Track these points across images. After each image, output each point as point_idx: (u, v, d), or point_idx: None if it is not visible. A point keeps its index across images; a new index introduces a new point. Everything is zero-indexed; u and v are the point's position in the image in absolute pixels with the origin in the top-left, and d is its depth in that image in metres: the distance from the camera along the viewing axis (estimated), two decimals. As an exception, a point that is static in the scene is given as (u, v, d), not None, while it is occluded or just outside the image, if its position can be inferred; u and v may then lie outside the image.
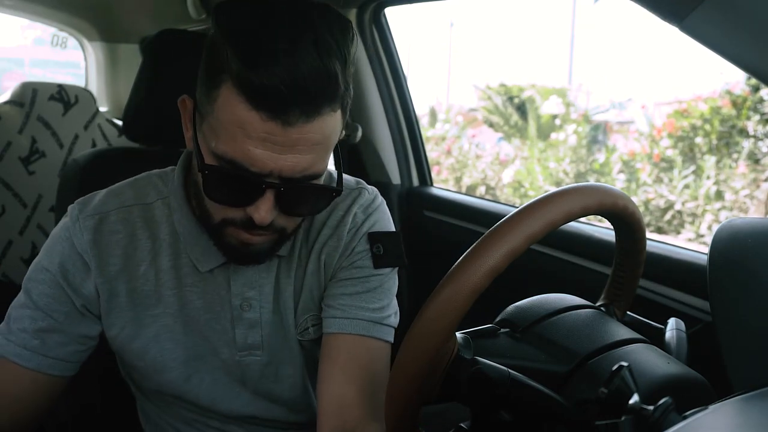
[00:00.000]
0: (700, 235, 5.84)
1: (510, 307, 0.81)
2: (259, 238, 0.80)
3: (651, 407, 0.55)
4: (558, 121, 8.69)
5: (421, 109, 10.82)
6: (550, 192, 0.68)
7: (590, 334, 0.75)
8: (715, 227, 0.67)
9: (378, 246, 0.89)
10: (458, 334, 0.69)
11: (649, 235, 0.88)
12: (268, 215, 0.75)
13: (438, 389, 0.68)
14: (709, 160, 6.08)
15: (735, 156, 6.06)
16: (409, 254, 1.04)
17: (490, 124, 10.20)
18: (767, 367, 0.58)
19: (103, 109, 2.43)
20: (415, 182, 1.92)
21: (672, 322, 0.82)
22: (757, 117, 5.96)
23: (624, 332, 0.77)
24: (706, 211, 5.96)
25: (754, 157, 5.95)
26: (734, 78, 6.24)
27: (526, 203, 0.67)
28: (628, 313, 0.87)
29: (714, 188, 5.99)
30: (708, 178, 6.05)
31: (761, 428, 0.52)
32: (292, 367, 0.94)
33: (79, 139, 2.16)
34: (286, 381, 0.95)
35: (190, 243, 0.87)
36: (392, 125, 1.88)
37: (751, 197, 5.79)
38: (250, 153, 0.71)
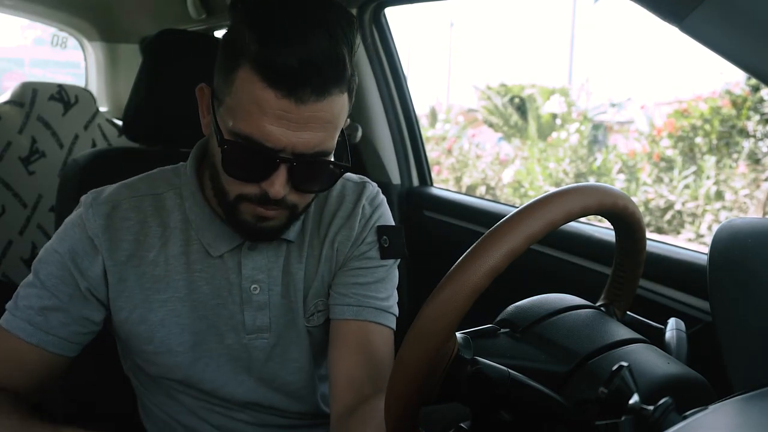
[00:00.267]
0: (700, 235, 5.84)
1: (510, 307, 0.81)
2: (272, 213, 0.84)
3: (651, 407, 0.55)
4: (559, 121, 8.68)
5: (421, 109, 10.82)
6: (550, 192, 0.68)
7: (590, 334, 0.75)
8: (715, 227, 0.67)
9: (385, 238, 0.96)
10: (458, 334, 0.68)
11: (649, 235, 0.88)
12: (281, 189, 0.80)
13: (438, 389, 0.68)
14: (709, 160, 6.08)
15: (735, 156, 6.06)
16: (409, 254, 1.05)
17: (490, 124, 10.21)
18: (767, 367, 0.58)
19: (103, 109, 2.43)
20: (415, 182, 1.92)
21: (672, 322, 0.82)
22: (757, 117, 5.96)
23: (624, 332, 0.77)
24: (706, 211, 5.96)
25: (754, 157, 5.95)
26: (734, 78, 6.24)
27: (526, 203, 0.67)
28: (628, 313, 0.87)
29: (714, 188, 5.99)
30: (708, 178, 6.05)
31: (761, 428, 0.52)
32: (298, 351, 0.98)
33: (79, 139, 2.16)
34: (291, 365, 0.98)
35: (201, 229, 0.92)
36: (392, 125, 1.88)
37: (751, 197, 5.79)
38: (266, 129, 0.77)
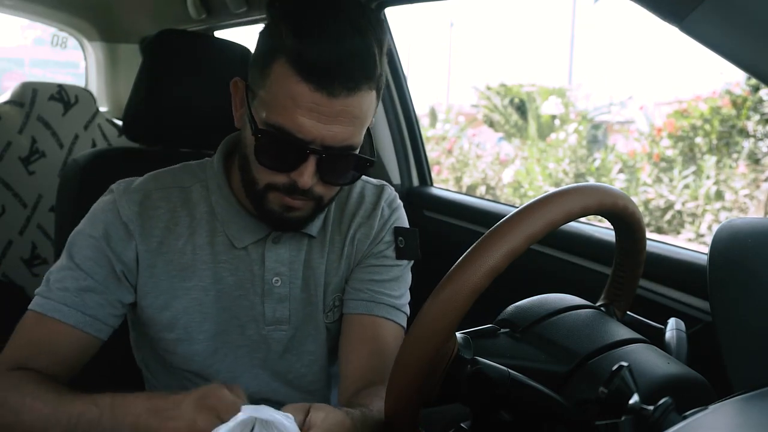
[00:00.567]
0: (700, 235, 5.84)
1: (510, 307, 0.81)
2: (299, 203, 0.88)
3: (651, 407, 0.55)
4: (557, 122, 8.68)
5: (421, 109, 10.82)
6: (550, 192, 0.68)
7: (590, 334, 0.75)
8: (715, 227, 0.67)
9: (401, 239, 1.00)
10: (458, 334, 0.68)
11: (649, 235, 0.88)
12: (309, 180, 0.84)
13: (438, 389, 0.68)
14: (709, 160, 6.08)
15: (735, 156, 6.06)
16: (409, 254, 1.05)
17: (490, 124, 10.20)
18: (767, 367, 0.58)
19: (103, 109, 2.43)
20: (415, 182, 1.92)
21: (672, 322, 0.82)
22: (757, 117, 5.96)
23: (624, 332, 0.77)
24: (706, 211, 5.96)
25: (754, 157, 5.95)
26: (734, 78, 6.24)
27: (526, 203, 0.67)
28: (628, 313, 0.87)
29: (714, 188, 5.99)
30: (708, 178, 6.05)
31: (761, 428, 0.52)
32: (315, 344, 1.00)
33: (79, 139, 2.16)
34: (306, 357, 1.00)
35: (227, 221, 0.95)
36: (392, 125, 1.88)
37: (751, 197, 5.78)
38: (298, 121, 0.81)
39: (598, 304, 0.86)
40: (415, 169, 1.92)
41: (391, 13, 1.81)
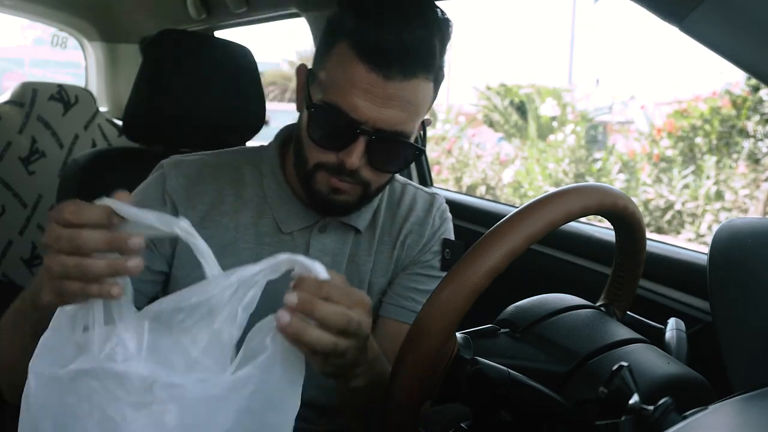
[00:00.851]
0: (700, 235, 5.84)
1: (510, 307, 0.81)
2: (345, 185, 0.88)
3: (651, 407, 0.55)
4: (555, 123, 8.67)
5: (421, 109, 10.77)
6: (550, 192, 0.68)
7: (590, 334, 0.75)
8: (715, 227, 0.67)
9: (447, 251, 1.01)
10: (458, 334, 0.69)
11: (649, 235, 0.88)
12: (356, 160, 0.84)
13: (438, 389, 0.68)
14: (709, 160, 6.08)
15: (735, 156, 6.06)
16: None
17: (490, 124, 10.20)
18: (767, 367, 0.58)
19: (103, 109, 2.43)
20: (415, 182, 1.92)
21: (672, 322, 0.82)
22: (757, 117, 5.96)
23: (624, 332, 0.77)
24: (706, 211, 5.96)
25: (754, 157, 5.95)
26: (734, 78, 6.24)
27: (526, 203, 0.67)
28: (628, 313, 0.87)
29: (714, 188, 5.99)
30: (708, 178, 6.05)
31: (761, 428, 0.52)
32: None
33: (79, 139, 2.16)
34: None
35: (277, 205, 0.96)
36: (392, 125, 1.88)
37: (751, 197, 5.78)
38: (352, 101, 0.82)
39: (598, 304, 0.86)
40: (415, 169, 1.92)
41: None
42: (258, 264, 0.62)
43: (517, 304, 0.82)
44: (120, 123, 2.22)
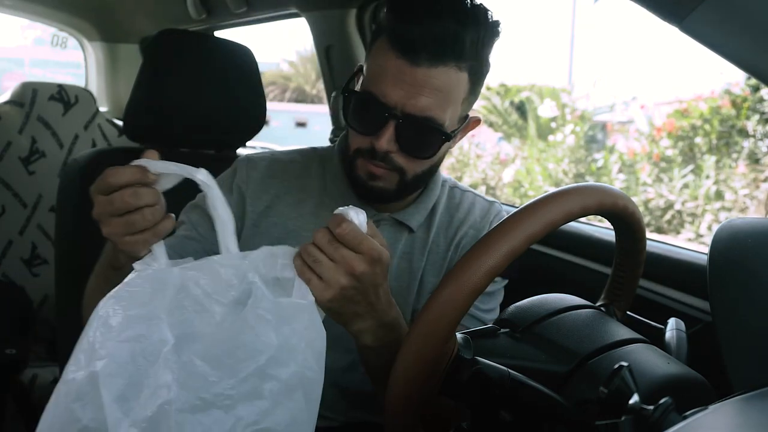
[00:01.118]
0: (700, 235, 5.84)
1: (510, 307, 0.81)
2: (380, 171, 0.93)
3: (651, 407, 0.55)
4: (554, 124, 8.67)
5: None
6: (550, 192, 0.68)
7: (590, 334, 0.75)
8: (715, 227, 0.67)
9: None
10: (458, 334, 0.69)
11: (649, 235, 0.87)
12: (385, 144, 0.90)
13: (438, 389, 0.68)
14: (709, 160, 6.08)
15: (735, 156, 6.06)
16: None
17: (490, 124, 10.20)
18: (767, 367, 0.58)
19: (103, 109, 2.43)
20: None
21: (672, 322, 0.82)
22: (757, 117, 5.96)
23: (624, 332, 0.77)
24: (706, 211, 5.96)
25: (754, 157, 5.95)
26: (734, 78, 6.24)
27: (526, 203, 0.67)
28: (628, 313, 0.87)
29: (714, 188, 5.99)
30: (708, 177, 6.05)
31: (761, 428, 0.52)
32: None
33: (79, 139, 2.16)
34: None
35: (335, 197, 1.02)
36: (392, 125, 1.88)
37: (751, 197, 5.79)
38: (383, 88, 0.89)
39: (598, 304, 0.86)
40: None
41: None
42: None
43: (517, 304, 0.82)
44: (120, 123, 2.22)
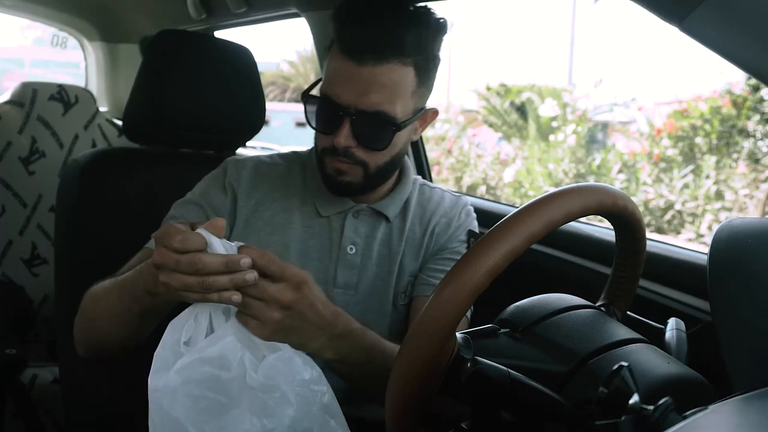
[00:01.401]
0: (700, 235, 5.84)
1: (510, 307, 0.81)
2: (345, 166, 1.00)
3: (651, 407, 0.55)
4: (555, 123, 8.67)
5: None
6: (550, 192, 0.68)
7: (590, 334, 0.75)
8: (715, 227, 0.67)
9: (473, 240, 1.11)
10: (458, 334, 0.68)
11: (649, 235, 0.87)
12: (343, 140, 0.97)
13: (438, 389, 0.68)
14: (709, 160, 6.08)
15: (735, 156, 6.06)
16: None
17: (490, 124, 10.20)
18: (767, 367, 0.58)
19: (103, 109, 2.42)
20: (415, 182, 1.92)
21: (672, 322, 0.82)
22: (757, 117, 5.96)
23: (624, 332, 0.77)
24: (706, 211, 5.96)
25: (754, 157, 5.95)
26: (734, 78, 6.24)
27: (526, 203, 0.67)
28: (628, 313, 0.87)
29: (714, 188, 5.99)
30: (708, 177, 6.05)
31: (761, 428, 0.52)
32: (378, 319, 1.07)
33: (79, 139, 2.16)
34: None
35: (316, 194, 1.09)
36: (392, 125, 1.88)
37: (751, 197, 5.79)
38: (337, 89, 0.97)
39: (598, 304, 0.86)
40: (415, 169, 1.92)
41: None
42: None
43: (517, 304, 0.82)
44: (120, 123, 2.22)
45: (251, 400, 0.70)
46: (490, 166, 8.17)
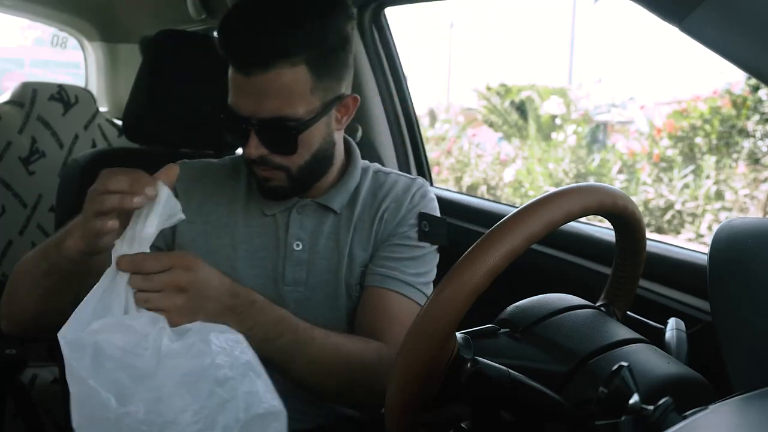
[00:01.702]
0: (700, 235, 5.84)
1: (510, 307, 0.81)
2: (267, 173, 1.00)
3: (651, 407, 0.55)
4: (558, 121, 8.67)
5: (421, 109, 10.82)
6: (550, 192, 0.68)
7: (590, 334, 0.75)
8: (715, 227, 0.67)
9: (425, 224, 1.07)
10: (458, 334, 0.68)
11: (649, 235, 0.87)
12: (253, 151, 0.96)
13: (438, 389, 0.68)
14: (709, 160, 6.08)
15: (735, 156, 6.06)
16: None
17: (490, 124, 10.20)
18: (767, 367, 0.58)
19: (103, 109, 2.42)
20: (415, 182, 1.92)
21: (672, 322, 0.82)
22: (757, 117, 5.96)
23: (624, 332, 0.77)
24: (706, 211, 5.96)
25: (754, 157, 5.95)
26: (734, 78, 6.24)
27: (526, 203, 0.67)
28: (628, 313, 0.87)
29: (714, 188, 5.99)
30: (708, 177, 6.05)
31: (761, 428, 0.52)
32: (331, 312, 1.06)
33: (79, 139, 2.16)
34: (320, 322, 1.01)
35: (258, 195, 1.07)
36: (392, 125, 1.88)
37: (751, 197, 5.79)
38: (236, 101, 0.96)
39: (598, 304, 0.86)
40: (415, 169, 1.92)
41: (391, 13, 1.81)
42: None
43: (517, 304, 0.82)
44: (120, 123, 2.22)
45: (170, 368, 0.69)
46: (490, 166, 8.17)
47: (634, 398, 0.56)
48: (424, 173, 1.93)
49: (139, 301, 0.74)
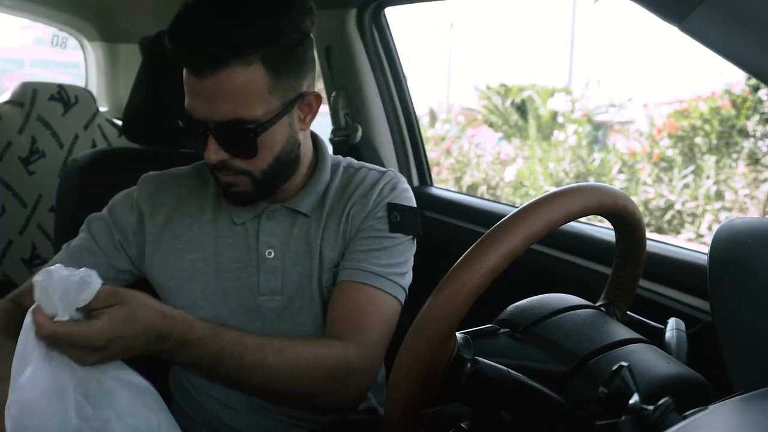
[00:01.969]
0: (700, 235, 5.84)
1: (510, 307, 0.81)
2: (229, 178, 0.96)
3: (651, 407, 0.55)
4: (560, 119, 8.67)
5: (421, 109, 10.82)
6: (550, 192, 0.68)
7: (590, 334, 0.75)
8: (715, 227, 0.67)
9: (395, 214, 1.03)
10: (458, 334, 0.69)
11: (649, 235, 0.87)
12: (213, 155, 0.93)
13: (438, 389, 0.68)
14: (709, 160, 6.08)
15: (735, 156, 6.06)
16: (409, 254, 1.04)
17: (490, 124, 10.20)
18: (767, 367, 0.58)
19: (103, 109, 2.42)
20: (415, 182, 1.92)
21: (672, 322, 0.82)
22: (757, 117, 5.96)
23: (624, 332, 0.77)
24: (706, 211, 5.96)
25: (754, 157, 5.95)
26: (734, 78, 6.24)
27: (526, 203, 0.67)
28: (628, 313, 0.87)
29: (714, 188, 5.99)
30: (708, 177, 6.05)
31: (761, 428, 0.52)
32: (309, 315, 1.03)
33: (79, 139, 2.16)
34: (300, 328, 1.03)
35: (227, 203, 1.04)
36: (392, 125, 1.88)
37: (751, 197, 5.78)
38: (191, 104, 0.92)
39: (598, 304, 0.86)
40: (415, 170, 1.92)
41: (390, 13, 1.81)
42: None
43: (517, 304, 0.82)
44: (120, 123, 2.22)
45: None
46: (490, 166, 8.17)
47: (634, 398, 0.56)
48: (424, 173, 1.93)
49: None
